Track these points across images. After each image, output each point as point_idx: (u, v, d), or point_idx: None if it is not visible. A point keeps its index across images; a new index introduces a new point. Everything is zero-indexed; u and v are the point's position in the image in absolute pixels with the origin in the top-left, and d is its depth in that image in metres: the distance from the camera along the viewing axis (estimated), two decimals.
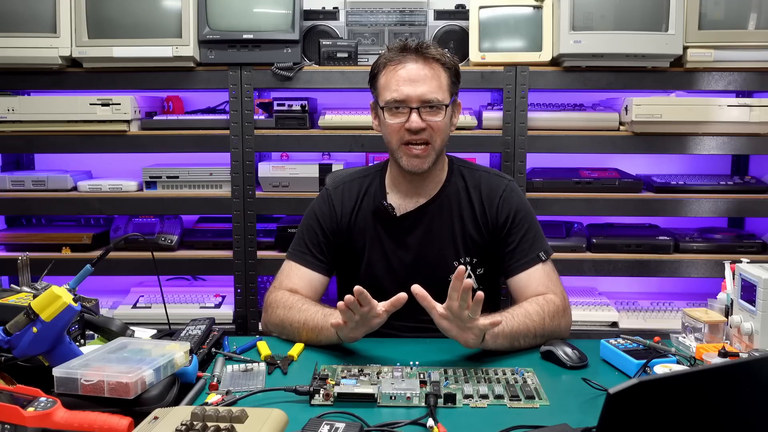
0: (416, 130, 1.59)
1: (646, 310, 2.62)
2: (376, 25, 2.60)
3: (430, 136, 1.61)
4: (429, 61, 1.60)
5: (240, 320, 2.60)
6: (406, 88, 1.59)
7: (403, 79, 1.59)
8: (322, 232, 1.73)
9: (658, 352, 1.40)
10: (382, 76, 1.64)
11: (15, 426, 1.05)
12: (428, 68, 1.60)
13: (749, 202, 2.54)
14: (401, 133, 1.61)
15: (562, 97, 2.80)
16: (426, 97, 1.59)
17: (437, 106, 1.60)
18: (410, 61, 1.60)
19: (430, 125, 1.60)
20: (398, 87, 1.59)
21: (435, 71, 1.60)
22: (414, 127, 1.59)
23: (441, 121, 1.61)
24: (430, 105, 1.59)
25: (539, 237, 1.71)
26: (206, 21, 2.46)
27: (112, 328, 1.47)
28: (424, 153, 1.62)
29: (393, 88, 1.60)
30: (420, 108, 1.59)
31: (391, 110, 1.61)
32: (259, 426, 1.05)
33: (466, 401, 1.25)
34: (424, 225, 1.71)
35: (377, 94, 1.66)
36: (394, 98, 1.59)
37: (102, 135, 2.54)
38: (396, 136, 1.63)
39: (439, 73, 1.61)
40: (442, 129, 1.62)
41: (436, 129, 1.61)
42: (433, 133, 1.61)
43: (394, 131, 1.63)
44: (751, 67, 2.46)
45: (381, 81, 1.64)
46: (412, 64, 1.60)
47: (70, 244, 2.60)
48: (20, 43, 2.45)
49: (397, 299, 1.43)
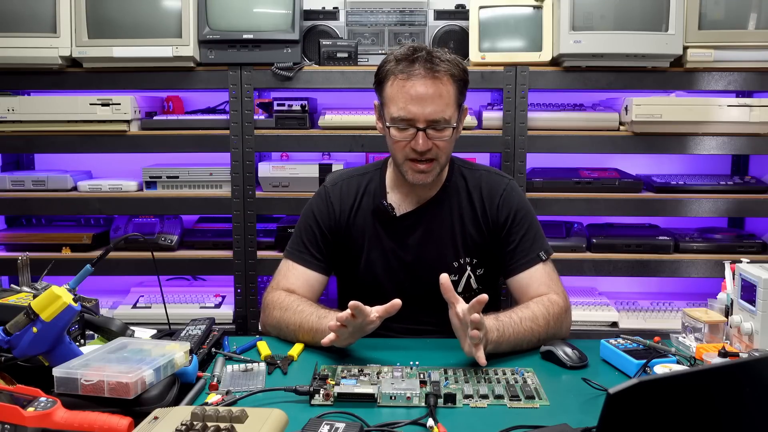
0: (422, 152, 1.58)
1: (646, 310, 2.62)
2: (376, 25, 2.60)
3: (436, 153, 1.60)
4: (438, 77, 1.56)
5: (240, 320, 2.60)
6: (414, 108, 1.55)
7: (411, 98, 1.55)
8: (320, 230, 1.73)
9: (658, 352, 1.40)
10: (388, 87, 1.60)
11: (15, 426, 1.05)
12: (437, 85, 1.55)
13: (749, 202, 2.54)
14: (406, 150, 1.60)
15: (562, 97, 2.80)
16: (433, 118, 1.56)
17: (444, 125, 1.58)
18: (419, 77, 1.55)
19: (436, 144, 1.59)
20: (405, 105, 1.56)
21: (444, 87, 1.56)
22: (420, 149, 1.57)
23: (447, 139, 1.60)
24: (436, 126, 1.57)
25: (540, 236, 1.71)
26: (206, 21, 2.46)
27: (112, 328, 1.47)
28: (428, 168, 1.61)
29: (400, 106, 1.57)
30: (426, 129, 1.57)
31: (398, 126, 1.60)
32: (259, 426, 1.05)
33: (466, 401, 1.25)
34: (424, 225, 1.71)
35: (383, 102, 1.64)
36: (401, 116, 1.57)
37: (102, 135, 2.54)
38: (401, 152, 1.61)
39: (448, 89, 1.57)
40: (448, 146, 1.62)
41: (442, 147, 1.60)
42: (438, 150, 1.60)
43: (399, 147, 1.61)
44: (751, 67, 2.46)
45: (387, 91, 1.60)
46: (420, 81, 1.55)
47: (70, 244, 2.60)
48: (20, 43, 2.45)
49: (391, 305, 1.43)
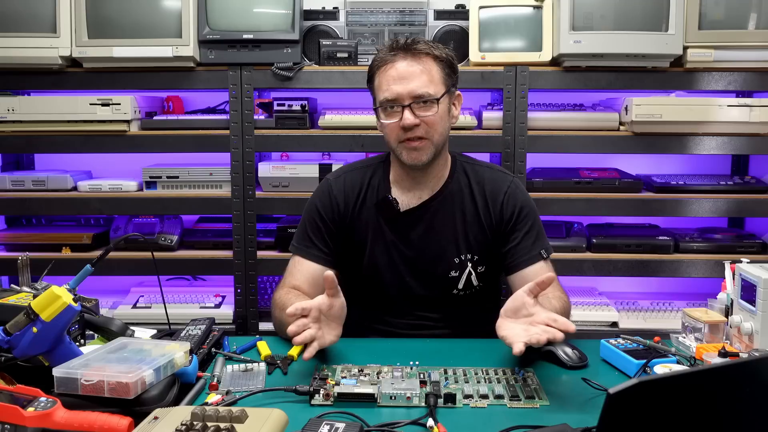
0: (410, 127, 1.59)
1: (646, 310, 2.62)
2: (376, 25, 2.60)
3: (426, 131, 1.61)
4: (418, 57, 1.60)
5: (240, 320, 2.60)
6: (397, 87, 1.59)
7: (393, 78, 1.59)
8: (325, 223, 1.73)
9: (658, 352, 1.41)
10: (375, 78, 1.64)
11: (15, 426, 1.05)
12: (418, 64, 1.60)
13: (749, 202, 2.54)
14: (398, 132, 1.61)
15: (562, 97, 2.80)
16: (416, 93, 1.58)
17: (429, 100, 1.59)
18: (399, 60, 1.60)
19: (424, 120, 1.60)
20: (389, 86, 1.59)
21: (425, 66, 1.60)
22: (407, 124, 1.58)
23: (435, 115, 1.60)
24: (422, 100, 1.59)
25: (542, 235, 1.71)
26: (206, 21, 2.46)
27: (112, 328, 1.47)
28: (421, 145, 1.62)
29: (384, 88, 1.60)
30: (412, 105, 1.58)
31: (386, 110, 1.62)
32: (259, 426, 1.05)
33: (466, 401, 1.25)
34: (427, 221, 1.71)
35: (374, 97, 1.67)
36: (386, 98, 1.60)
37: (102, 135, 2.54)
38: (393, 135, 1.63)
39: (430, 67, 1.61)
40: (437, 122, 1.61)
41: (431, 123, 1.61)
42: (428, 128, 1.61)
43: (391, 131, 1.63)
44: (751, 67, 2.46)
45: (375, 83, 1.65)
46: (401, 62, 1.60)
47: (70, 244, 2.60)
48: (20, 43, 2.44)
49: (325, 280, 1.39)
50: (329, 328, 1.43)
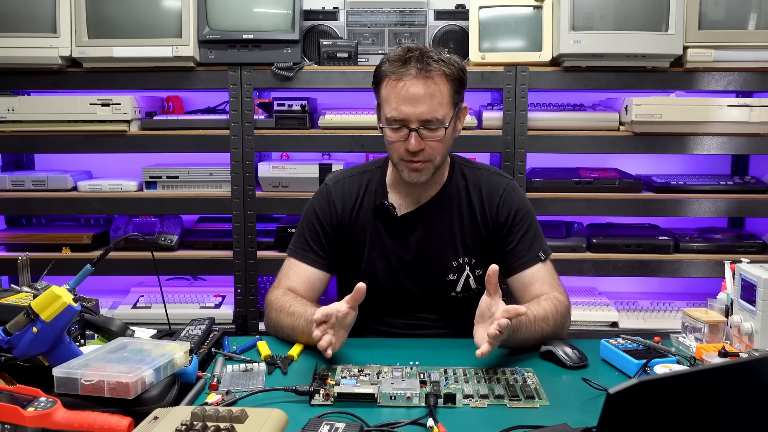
0: (415, 152, 1.58)
1: (646, 310, 2.62)
2: (376, 25, 2.60)
3: (430, 154, 1.59)
4: (430, 76, 1.55)
5: (240, 320, 2.60)
6: (406, 108, 1.55)
7: (402, 98, 1.55)
8: (323, 228, 1.73)
9: (658, 352, 1.41)
10: (383, 88, 1.60)
11: (15, 426, 1.05)
12: (429, 84, 1.55)
13: (749, 202, 2.54)
14: (400, 151, 1.60)
15: (562, 97, 2.80)
16: (424, 117, 1.55)
17: (437, 125, 1.57)
18: (410, 78, 1.55)
19: (429, 144, 1.58)
20: (398, 106, 1.56)
21: (436, 86, 1.55)
22: (412, 149, 1.57)
23: (441, 139, 1.59)
24: (429, 126, 1.57)
25: (539, 237, 1.71)
26: (206, 21, 2.46)
27: (112, 328, 1.47)
28: (422, 167, 1.61)
29: (393, 106, 1.57)
30: (419, 129, 1.56)
31: (392, 127, 1.60)
32: (259, 426, 1.05)
33: (466, 401, 1.25)
34: (424, 225, 1.71)
35: (379, 103, 1.64)
36: (394, 117, 1.57)
37: (102, 135, 2.54)
38: (396, 152, 1.62)
39: (441, 88, 1.56)
40: (441, 146, 1.60)
41: (435, 147, 1.59)
42: (432, 151, 1.59)
43: (394, 147, 1.62)
44: (751, 67, 2.46)
45: (382, 92, 1.61)
46: (411, 81, 1.54)
47: (70, 244, 2.60)
48: (20, 43, 2.44)
49: (357, 291, 1.42)
50: (338, 335, 1.44)
